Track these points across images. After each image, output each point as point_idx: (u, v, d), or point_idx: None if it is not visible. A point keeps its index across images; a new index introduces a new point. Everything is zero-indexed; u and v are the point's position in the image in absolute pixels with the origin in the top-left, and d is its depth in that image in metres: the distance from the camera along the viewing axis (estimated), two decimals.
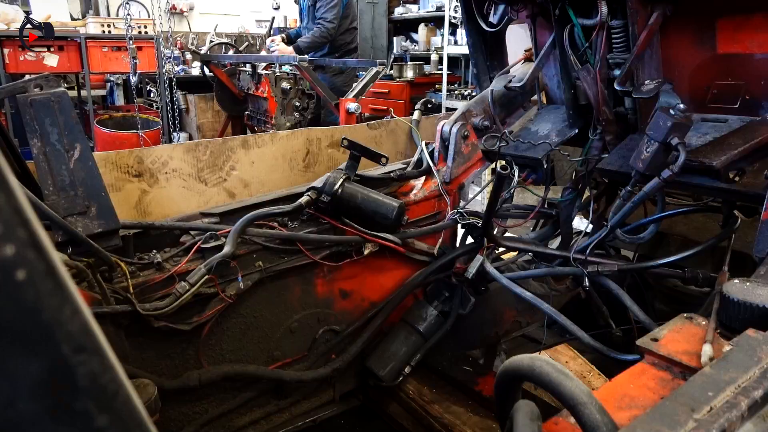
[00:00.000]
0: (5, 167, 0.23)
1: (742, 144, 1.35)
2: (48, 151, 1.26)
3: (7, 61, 4.28)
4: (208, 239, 1.51)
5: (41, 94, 1.25)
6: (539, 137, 1.88)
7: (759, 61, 1.45)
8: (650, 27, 1.51)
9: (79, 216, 1.30)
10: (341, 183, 1.67)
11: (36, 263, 0.22)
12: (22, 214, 0.22)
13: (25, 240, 0.22)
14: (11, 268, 0.21)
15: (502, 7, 1.91)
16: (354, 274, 1.80)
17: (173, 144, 1.71)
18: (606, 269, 1.49)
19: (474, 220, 1.80)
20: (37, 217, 0.23)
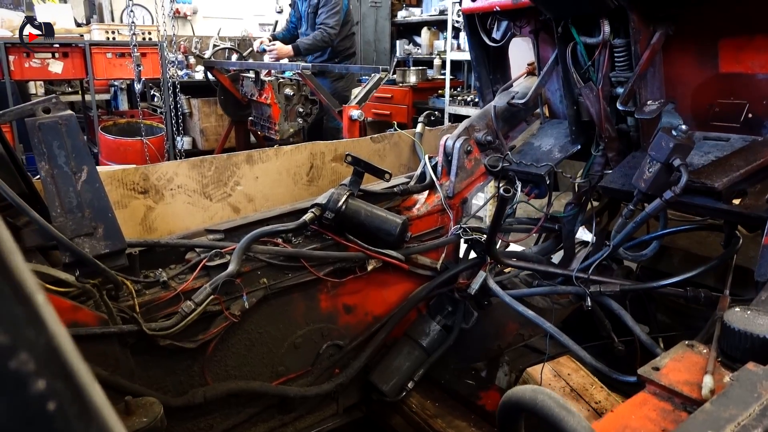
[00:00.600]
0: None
1: (744, 165, 1.36)
2: (56, 173, 1.27)
3: (13, 68, 4.30)
4: (213, 257, 1.52)
5: (49, 117, 1.26)
6: (542, 153, 1.89)
7: (761, 81, 1.46)
8: (653, 46, 1.52)
9: (86, 237, 1.31)
10: (345, 200, 1.69)
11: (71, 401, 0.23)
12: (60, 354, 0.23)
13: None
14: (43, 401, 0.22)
15: (505, 24, 1.92)
16: (357, 288, 1.81)
17: (178, 161, 1.72)
18: (608, 289, 1.50)
19: (477, 235, 1.81)
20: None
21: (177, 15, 7.48)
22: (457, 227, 1.86)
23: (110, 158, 4.45)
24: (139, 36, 4.58)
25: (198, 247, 1.57)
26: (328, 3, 4.82)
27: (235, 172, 1.85)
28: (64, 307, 1.26)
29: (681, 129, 1.36)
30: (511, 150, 2.02)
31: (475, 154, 1.96)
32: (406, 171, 2.29)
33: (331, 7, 4.81)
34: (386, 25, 8.38)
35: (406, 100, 5.91)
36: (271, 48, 4.89)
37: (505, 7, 1.82)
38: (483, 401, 1.85)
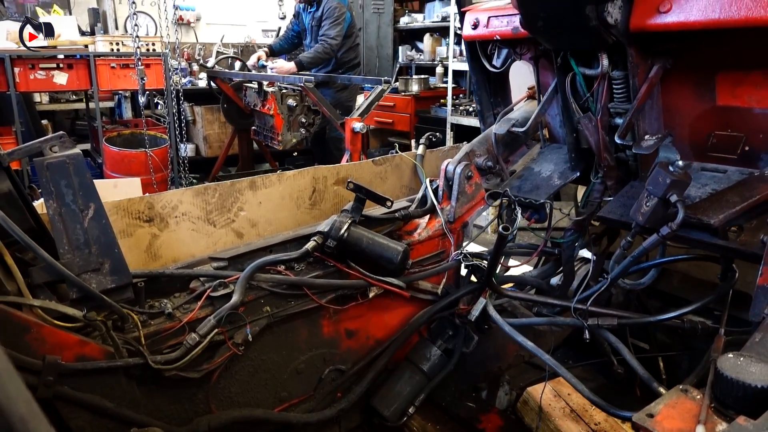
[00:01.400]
0: None
1: (740, 202, 1.37)
2: (63, 211, 1.30)
3: (18, 79, 4.34)
4: (217, 287, 1.55)
5: (56, 157, 1.29)
6: (541, 179, 1.91)
7: (758, 116, 1.47)
8: (651, 80, 1.54)
9: (93, 272, 1.34)
10: (347, 228, 1.71)
11: None
12: None
13: None
14: None
15: (505, 51, 1.94)
16: (359, 314, 1.83)
17: (182, 189, 1.75)
18: (606, 323, 1.53)
19: (477, 261, 1.83)
20: None
21: (180, 22, 7.52)
22: (457, 252, 1.88)
23: (114, 170, 4.49)
24: (143, 47, 4.60)
25: (202, 276, 1.59)
26: (332, 15, 4.85)
27: (238, 198, 1.87)
28: (71, 341, 1.29)
29: (678, 165, 1.38)
30: (511, 174, 2.04)
31: (476, 179, 1.98)
32: (407, 192, 2.32)
33: (334, 19, 4.84)
34: (389, 31, 8.40)
35: (408, 109, 5.93)
36: (272, 67, 4.92)
37: (505, 36, 1.84)
38: (483, 425, 1.88)
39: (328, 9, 4.87)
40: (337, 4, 4.90)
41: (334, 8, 4.87)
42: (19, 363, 1.21)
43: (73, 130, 6.76)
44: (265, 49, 5.39)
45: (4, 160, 1.32)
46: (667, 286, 2.12)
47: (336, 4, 4.89)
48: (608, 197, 1.81)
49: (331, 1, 4.89)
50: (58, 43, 4.49)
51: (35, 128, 5.81)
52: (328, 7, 4.87)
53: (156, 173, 4.42)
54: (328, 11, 4.87)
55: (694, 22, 1.34)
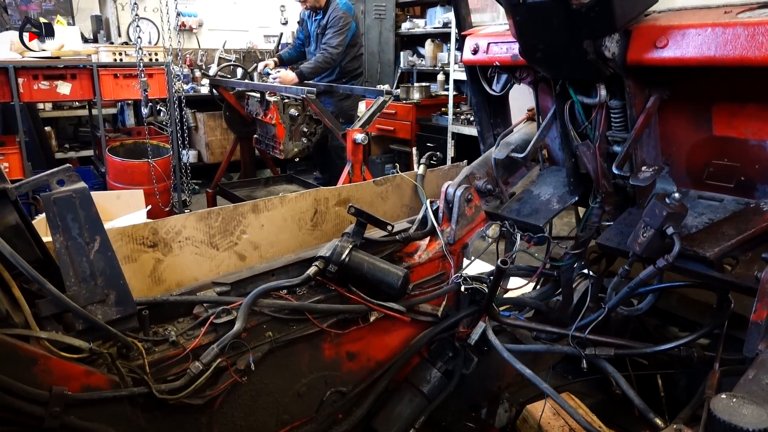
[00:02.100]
0: None
1: (735, 235, 1.40)
2: (70, 245, 1.32)
3: (22, 90, 4.37)
4: (221, 314, 1.57)
5: (63, 192, 1.32)
6: (541, 202, 1.93)
7: (754, 147, 1.50)
8: (648, 110, 1.56)
9: (99, 304, 1.36)
10: (348, 252, 1.73)
11: None
12: None
13: None
14: None
15: (505, 76, 1.96)
16: (360, 336, 1.86)
17: (186, 214, 1.77)
18: (603, 353, 1.55)
19: (477, 285, 1.85)
20: None
21: (183, 28, 7.56)
22: (457, 275, 1.90)
23: (117, 180, 4.51)
24: (146, 57, 4.63)
25: (205, 302, 1.62)
26: (336, 24, 4.88)
27: (241, 221, 1.90)
28: (77, 372, 1.32)
29: (674, 197, 1.41)
30: (510, 196, 2.06)
31: (476, 201, 2.01)
32: (408, 211, 2.34)
33: (338, 28, 4.86)
34: (390, 37, 8.43)
35: (409, 117, 5.95)
36: (275, 76, 4.94)
37: (504, 63, 1.86)
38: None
39: (333, 18, 4.90)
40: (343, 13, 4.93)
41: (339, 17, 4.89)
42: (27, 394, 1.23)
43: (75, 136, 6.80)
44: (275, 59, 5.41)
45: (12, 194, 1.35)
46: (665, 305, 2.14)
47: (342, 13, 4.91)
48: (606, 221, 1.83)
49: (337, 10, 4.92)
50: (62, 54, 4.52)
51: (38, 135, 5.85)
52: (334, 15, 4.90)
53: (159, 183, 4.45)
54: (333, 20, 4.90)
55: (690, 59, 1.36)
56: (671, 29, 1.39)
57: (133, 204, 3.70)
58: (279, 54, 5.56)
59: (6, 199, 1.35)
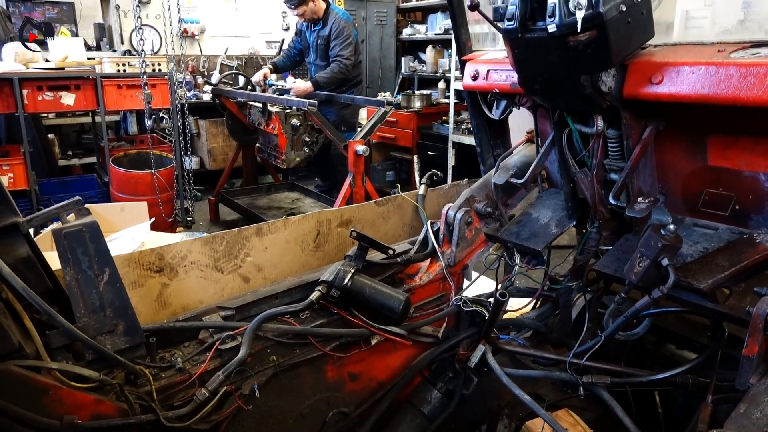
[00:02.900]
0: None
1: (728, 267, 1.43)
2: (80, 277, 1.36)
3: (26, 101, 4.41)
4: (226, 339, 1.61)
5: (73, 226, 1.35)
6: (539, 226, 1.96)
7: (747, 178, 1.53)
8: (644, 141, 1.60)
9: (108, 334, 1.40)
10: (350, 277, 1.77)
11: None
12: None
13: None
14: None
15: (504, 102, 2.00)
16: (362, 358, 1.89)
17: (191, 239, 1.81)
18: (600, 381, 1.58)
19: (476, 307, 1.89)
20: None
21: (185, 34, 7.58)
22: (458, 298, 1.94)
23: (121, 190, 4.55)
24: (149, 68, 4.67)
25: (210, 327, 1.65)
26: (341, 35, 4.92)
27: (245, 245, 1.93)
28: (87, 401, 1.35)
29: (669, 229, 1.44)
30: (510, 219, 2.09)
31: (476, 224, 2.04)
32: (409, 231, 2.37)
33: (344, 38, 4.92)
34: (391, 43, 8.47)
35: (410, 125, 5.99)
36: (291, 86, 4.98)
37: (504, 90, 1.90)
38: None
39: (336, 29, 4.94)
40: (345, 23, 4.98)
41: (342, 28, 4.94)
42: (38, 424, 1.27)
43: (78, 143, 6.85)
44: (270, 66, 5.45)
45: (23, 228, 1.38)
46: (663, 323, 2.18)
47: (344, 23, 4.96)
48: (604, 245, 1.86)
49: (339, 21, 4.97)
50: (66, 65, 4.56)
51: (42, 143, 5.89)
52: (337, 27, 4.95)
53: (162, 193, 4.48)
54: (336, 31, 4.95)
55: (684, 96, 1.39)
56: (666, 66, 1.43)
57: (137, 216, 3.74)
58: (273, 62, 5.60)
59: (17, 232, 1.38)
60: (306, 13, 4.97)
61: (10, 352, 1.26)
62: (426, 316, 1.97)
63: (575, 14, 1.35)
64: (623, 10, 1.38)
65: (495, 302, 1.55)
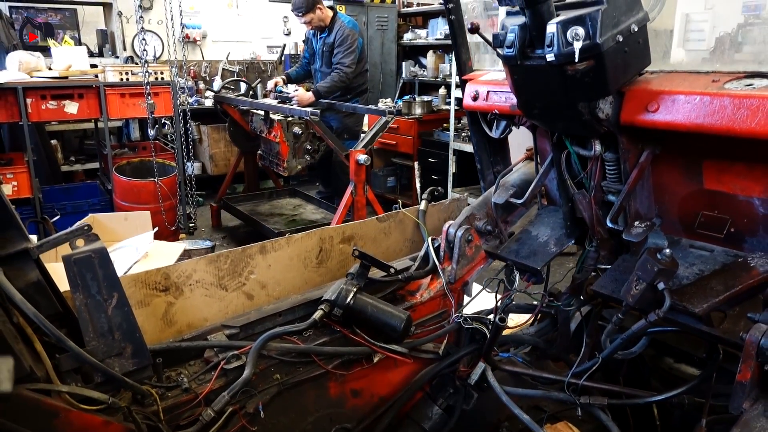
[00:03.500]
0: None
1: (723, 291, 1.46)
2: (89, 302, 1.39)
3: (30, 110, 4.44)
4: (231, 359, 1.64)
5: (83, 252, 1.38)
6: (539, 244, 1.99)
7: (742, 202, 1.56)
8: (641, 165, 1.63)
9: (116, 357, 1.43)
10: (353, 296, 1.80)
11: None
12: None
13: None
14: None
15: (504, 122, 2.03)
16: (364, 374, 1.92)
17: (196, 259, 1.84)
18: (597, 402, 1.61)
19: (476, 325, 1.92)
20: None
21: (187, 40, 7.62)
22: (457, 315, 1.97)
23: (124, 198, 4.59)
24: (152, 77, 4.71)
25: (215, 347, 1.69)
26: (344, 43, 4.95)
27: (249, 263, 1.96)
28: (96, 423, 1.39)
29: (665, 254, 1.47)
30: (509, 236, 2.13)
31: (476, 242, 2.07)
32: (411, 246, 2.40)
33: (347, 46, 4.94)
34: (392, 48, 8.50)
35: (411, 132, 6.02)
36: (293, 95, 5.02)
37: (503, 112, 1.93)
38: None
39: (340, 36, 4.97)
40: (350, 31, 5.01)
41: (346, 36, 4.97)
42: None
43: (81, 149, 6.89)
44: (283, 77, 5.49)
45: (34, 253, 1.41)
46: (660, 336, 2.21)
47: (349, 31, 4.99)
48: (602, 264, 1.89)
49: (344, 29, 5.00)
50: (70, 74, 4.60)
51: (45, 149, 5.93)
52: (341, 34, 4.98)
53: (165, 201, 4.52)
54: (340, 39, 4.98)
55: (679, 124, 1.42)
56: (662, 94, 1.46)
57: (140, 225, 3.78)
58: (287, 72, 5.64)
59: (28, 257, 1.41)
60: (313, 20, 5.00)
61: (22, 376, 1.29)
62: (427, 332, 2.00)
63: (573, 44, 1.38)
64: (620, 41, 1.41)
65: (494, 326, 1.58)
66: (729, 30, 4.93)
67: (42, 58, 4.81)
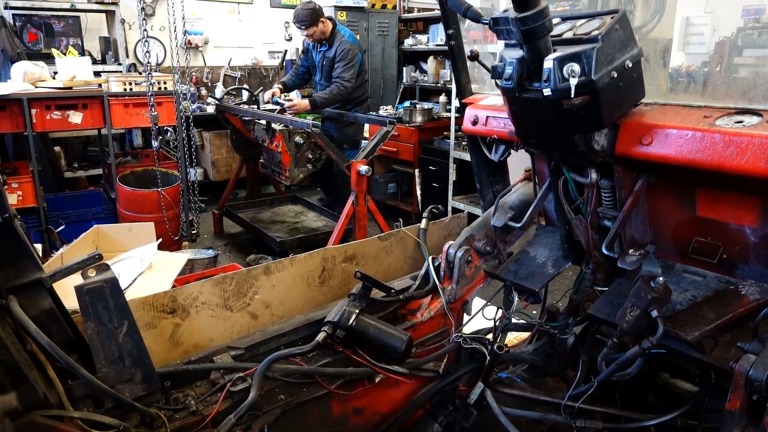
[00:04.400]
0: None
1: (714, 319, 1.51)
2: (100, 330, 1.44)
3: (35, 120, 4.49)
4: (237, 381, 1.69)
5: (95, 282, 1.43)
6: (536, 265, 2.04)
7: (734, 230, 1.60)
8: (635, 193, 1.67)
9: (126, 383, 1.48)
10: (355, 317, 1.85)
11: None
12: None
13: None
14: None
15: (503, 146, 2.07)
16: (366, 393, 1.97)
17: (203, 281, 1.89)
18: (593, 426, 1.66)
19: (476, 345, 1.96)
20: None
21: (189, 46, 7.67)
22: (457, 335, 2.01)
23: (128, 208, 4.64)
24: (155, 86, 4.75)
25: (222, 368, 1.73)
26: (345, 57, 5.01)
27: (253, 284, 2.01)
28: None
29: (659, 282, 1.52)
30: (508, 256, 2.17)
31: (475, 262, 2.12)
32: (411, 263, 2.45)
33: (348, 61, 5.00)
34: (393, 53, 8.56)
35: (412, 139, 6.07)
36: (289, 104, 5.07)
37: (502, 137, 1.98)
38: None
39: (341, 51, 5.03)
40: (350, 45, 5.06)
41: (347, 50, 5.02)
42: None
43: (84, 155, 6.93)
44: (279, 86, 5.55)
45: (47, 283, 1.46)
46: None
47: (349, 46, 5.05)
48: (598, 286, 1.94)
49: (345, 43, 5.05)
50: (74, 84, 4.64)
51: (48, 156, 5.98)
52: (342, 49, 5.03)
53: (168, 211, 4.56)
54: (341, 53, 5.03)
55: (672, 158, 1.47)
56: (656, 128, 1.50)
57: (144, 236, 3.82)
58: (283, 81, 5.69)
59: (41, 286, 1.46)
60: (315, 33, 5.05)
61: (36, 403, 1.34)
62: (428, 351, 2.05)
63: (569, 80, 1.42)
64: (615, 77, 1.46)
65: (492, 354, 1.63)
66: (729, 34, 4.96)
67: (46, 68, 4.86)
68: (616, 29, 1.46)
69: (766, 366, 1.25)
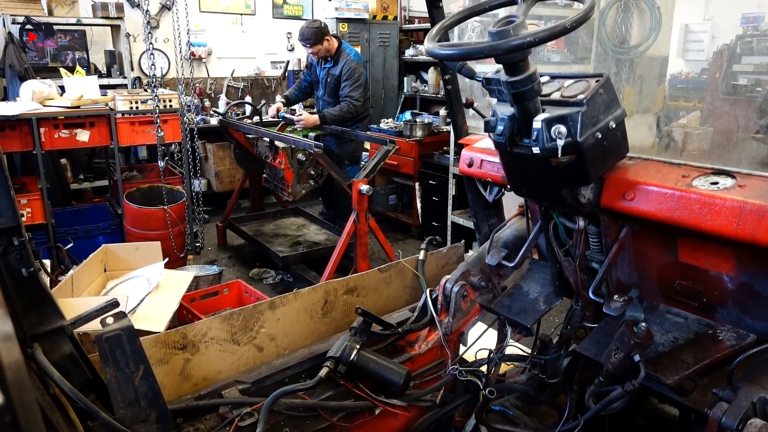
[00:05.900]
0: None
1: (693, 364, 1.60)
2: (118, 375, 1.54)
3: (43, 139, 4.59)
4: (244, 416, 1.79)
5: (113, 330, 1.54)
6: (529, 301, 2.14)
7: (713, 277, 1.70)
8: (621, 240, 1.77)
9: (142, 423, 1.58)
10: (356, 353, 1.96)
11: None
12: None
13: None
14: None
15: (497, 187, 2.17)
16: (366, 423, 2.07)
17: (211, 318, 1.99)
18: None
19: (471, 377, 2.07)
20: None
21: (192, 57, 7.77)
22: (453, 368, 2.12)
23: (134, 225, 4.74)
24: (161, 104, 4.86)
25: (230, 404, 1.84)
26: (352, 77, 5.11)
27: (259, 318, 2.11)
28: None
29: (641, 327, 1.61)
30: (503, 290, 2.27)
31: (471, 296, 2.22)
32: (410, 292, 2.55)
33: (355, 80, 5.10)
34: (394, 63, 8.65)
35: (412, 153, 6.16)
36: (298, 118, 5.18)
37: (496, 181, 2.08)
38: None
39: (347, 70, 5.13)
40: (356, 64, 5.17)
41: (353, 69, 5.13)
42: None
43: (90, 167, 7.04)
44: (282, 100, 5.65)
45: (68, 330, 1.56)
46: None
47: (355, 65, 5.15)
48: (587, 322, 2.03)
49: (351, 62, 5.15)
50: (81, 103, 4.75)
51: (55, 170, 6.09)
52: (348, 68, 5.13)
53: (173, 227, 4.67)
54: (347, 72, 5.13)
55: (653, 214, 1.57)
56: (638, 185, 1.60)
57: (150, 255, 3.93)
58: (285, 95, 5.80)
59: (63, 333, 1.57)
60: (320, 51, 5.15)
61: None
62: (425, 384, 2.15)
63: (556, 141, 1.52)
64: (599, 137, 1.56)
65: (483, 398, 1.73)
66: (728, 41, 5.02)
67: (54, 86, 4.95)
68: (600, 93, 1.56)
69: (737, 414, 1.35)
